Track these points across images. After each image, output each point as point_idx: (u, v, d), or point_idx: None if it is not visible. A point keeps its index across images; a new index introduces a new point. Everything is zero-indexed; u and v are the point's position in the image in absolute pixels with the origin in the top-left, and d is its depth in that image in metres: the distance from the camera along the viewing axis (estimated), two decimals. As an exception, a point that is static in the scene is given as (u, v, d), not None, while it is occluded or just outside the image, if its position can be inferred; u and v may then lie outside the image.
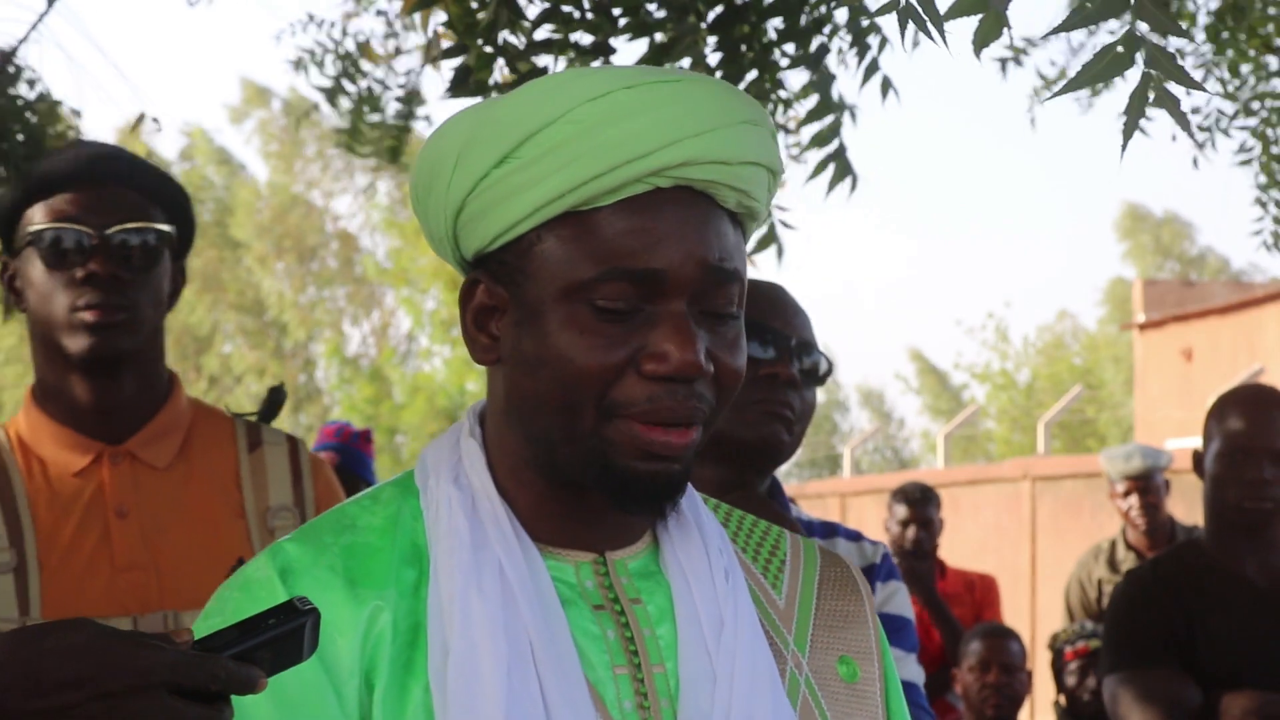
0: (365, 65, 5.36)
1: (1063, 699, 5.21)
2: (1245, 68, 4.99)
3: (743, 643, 1.37)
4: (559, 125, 1.31)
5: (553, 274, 1.32)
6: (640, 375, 1.31)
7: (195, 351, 32.83)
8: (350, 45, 5.40)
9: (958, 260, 66.45)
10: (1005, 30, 1.46)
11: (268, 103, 35.94)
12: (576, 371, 1.31)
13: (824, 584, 1.49)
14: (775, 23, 3.36)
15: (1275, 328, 17.37)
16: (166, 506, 2.28)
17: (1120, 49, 1.44)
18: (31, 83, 4.76)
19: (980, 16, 1.48)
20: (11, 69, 4.71)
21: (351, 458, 4.99)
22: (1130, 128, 1.46)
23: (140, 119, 4.65)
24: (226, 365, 33.37)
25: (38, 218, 2.28)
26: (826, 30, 3.36)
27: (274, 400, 2.51)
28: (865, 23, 3.36)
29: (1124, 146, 1.49)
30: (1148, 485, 5.98)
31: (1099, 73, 1.45)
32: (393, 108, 5.37)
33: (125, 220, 2.27)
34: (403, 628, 1.33)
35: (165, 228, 2.30)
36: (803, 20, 3.31)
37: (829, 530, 2.54)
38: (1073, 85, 1.47)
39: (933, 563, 6.28)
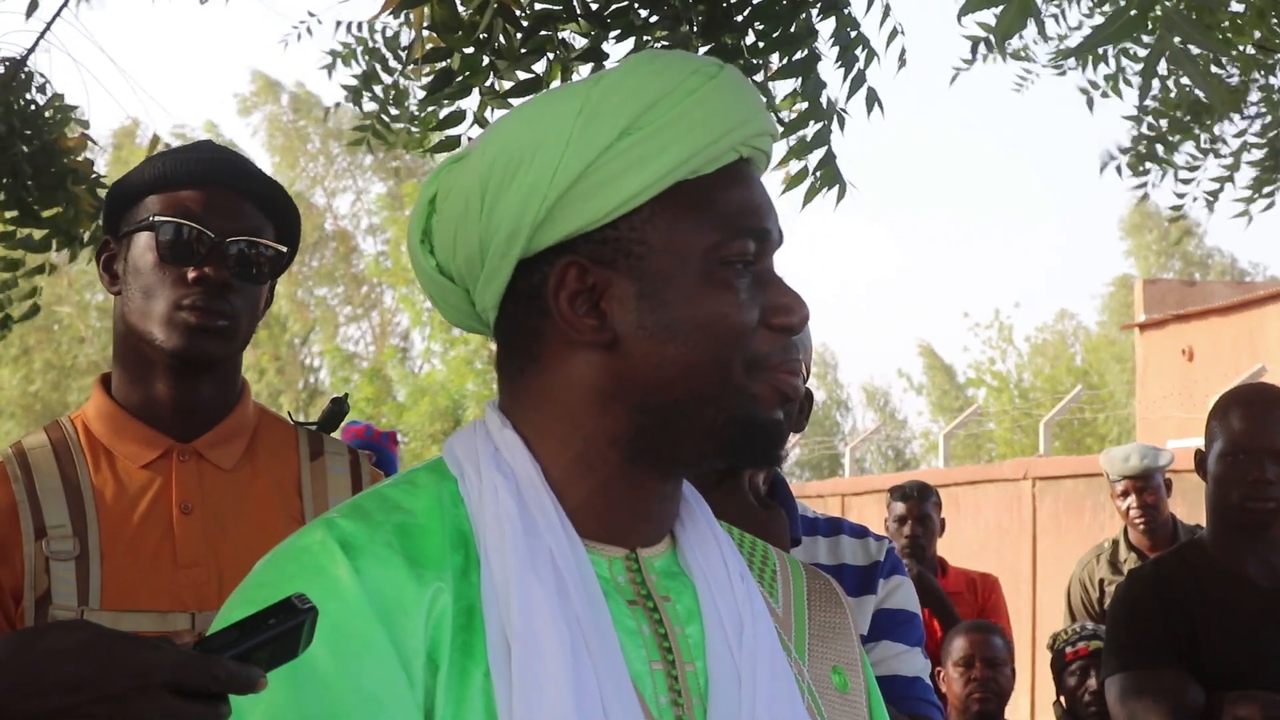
0: (392, 63, 5.36)
1: (1063, 700, 5.20)
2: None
3: (763, 644, 1.40)
4: (675, 95, 1.37)
5: (685, 240, 1.36)
6: (768, 329, 1.38)
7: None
8: (378, 40, 5.39)
9: (962, 260, 66.46)
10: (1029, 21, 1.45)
11: (277, 97, 35.98)
12: (732, 327, 1.36)
13: (811, 595, 1.53)
14: (762, 30, 3.37)
15: (1277, 327, 17.36)
16: (230, 506, 2.29)
17: (1134, 12, 1.44)
18: (42, 89, 4.76)
19: (1001, 8, 1.48)
20: (22, 75, 4.71)
21: (383, 457, 5.11)
22: (1145, 88, 1.47)
23: (155, 142, 4.65)
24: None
25: (158, 207, 2.27)
26: (814, 38, 3.37)
27: (336, 411, 2.51)
28: (853, 33, 3.37)
29: (1140, 102, 1.49)
30: (1146, 485, 5.98)
31: (1113, 34, 1.45)
32: (415, 102, 5.36)
33: (245, 232, 2.27)
34: (457, 610, 1.32)
35: (281, 248, 2.33)
36: (791, 28, 3.31)
37: (833, 527, 2.53)
38: (1087, 46, 1.48)
39: (933, 560, 6.27)
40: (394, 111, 5.40)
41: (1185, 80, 5.34)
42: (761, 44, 3.35)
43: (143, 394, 2.30)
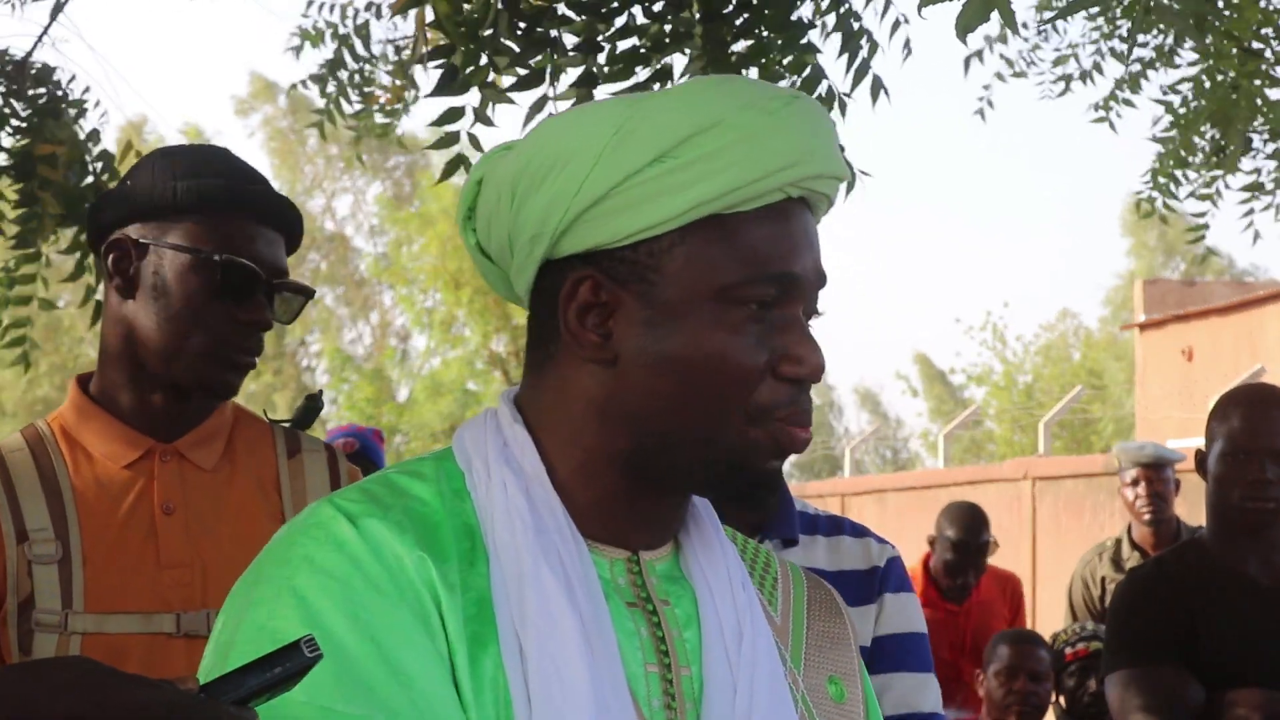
0: (360, 50, 5.36)
1: (1062, 700, 5.19)
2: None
3: (761, 654, 1.39)
4: (719, 130, 1.34)
5: (700, 275, 1.34)
6: (776, 378, 1.35)
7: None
8: (348, 28, 5.39)
9: (957, 260, 66.49)
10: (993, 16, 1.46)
11: (275, 98, 36.01)
12: (732, 371, 1.34)
13: (811, 604, 1.52)
14: (765, 20, 3.37)
15: (1276, 327, 17.37)
16: (211, 506, 2.28)
17: None
18: (55, 82, 4.74)
19: (964, 1, 1.48)
20: (34, 72, 4.69)
21: (369, 447, 5.18)
22: (1131, 44, 1.47)
23: (128, 148, 4.61)
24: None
25: (207, 234, 2.22)
26: (816, 29, 3.37)
27: (310, 408, 2.51)
28: (855, 25, 3.37)
29: (1127, 63, 1.50)
30: (1157, 475, 5.96)
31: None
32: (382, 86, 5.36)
33: (284, 273, 2.27)
34: (467, 601, 1.32)
35: (311, 291, 2.32)
36: (790, 19, 3.32)
37: (834, 526, 2.47)
38: (1068, 9, 1.49)
39: (969, 589, 6.18)
40: (354, 96, 5.40)
41: (1199, 99, 5.37)
42: (764, 35, 3.36)
43: (133, 398, 2.28)
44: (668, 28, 3.25)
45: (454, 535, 1.35)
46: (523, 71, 3.27)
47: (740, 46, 3.33)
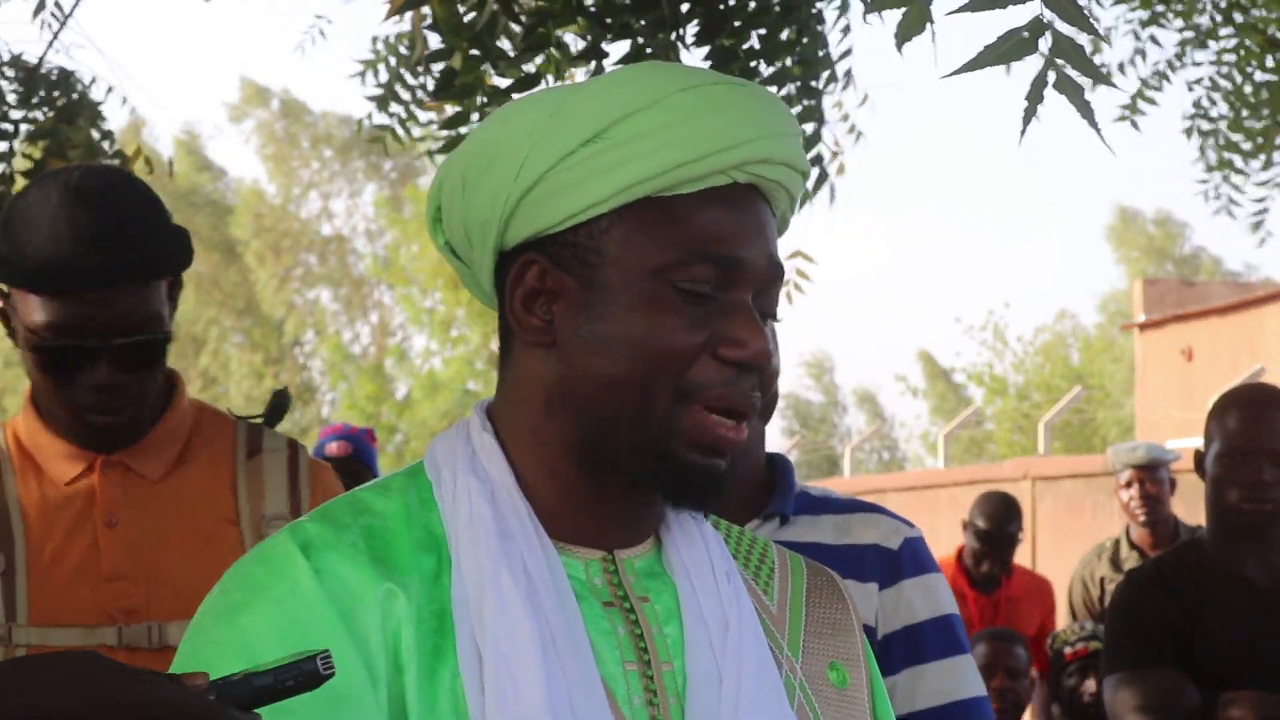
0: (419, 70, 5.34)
1: (1061, 700, 5.19)
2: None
3: (748, 644, 1.38)
4: (653, 110, 1.34)
5: (636, 256, 1.34)
6: (715, 360, 1.34)
7: (192, 351, 32.82)
8: (403, 49, 5.38)
9: (958, 260, 66.47)
10: (929, 26, 1.48)
11: (267, 103, 36.00)
12: (660, 349, 1.33)
13: (811, 592, 1.51)
14: (757, 33, 3.39)
15: (1276, 328, 17.37)
16: (157, 517, 2.26)
17: (1025, 34, 1.47)
18: (71, 86, 4.73)
19: (904, 10, 1.50)
20: (53, 79, 4.69)
21: (362, 449, 5.17)
22: (1029, 113, 1.50)
23: (137, 153, 4.60)
24: (226, 367, 33.31)
25: (34, 315, 2.17)
26: (805, 42, 3.40)
27: (278, 404, 2.49)
28: (820, 53, 3.41)
29: (1022, 131, 1.53)
30: (1150, 476, 5.97)
31: (1000, 55, 1.48)
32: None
33: (130, 329, 2.17)
34: (426, 614, 1.32)
35: (163, 332, 2.22)
36: (782, 35, 3.34)
37: (849, 505, 2.39)
38: (973, 65, 1.50)
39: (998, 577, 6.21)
40: (420, 116, 5.39)
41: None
42: (759, 48, 3.37)
43: (62, 420, 2.27)
44: (663, 37, 3.26)
45: (415, 549, 1.35)
46: (522, 73, 3.28)
47: (739, 55, 3.36)
